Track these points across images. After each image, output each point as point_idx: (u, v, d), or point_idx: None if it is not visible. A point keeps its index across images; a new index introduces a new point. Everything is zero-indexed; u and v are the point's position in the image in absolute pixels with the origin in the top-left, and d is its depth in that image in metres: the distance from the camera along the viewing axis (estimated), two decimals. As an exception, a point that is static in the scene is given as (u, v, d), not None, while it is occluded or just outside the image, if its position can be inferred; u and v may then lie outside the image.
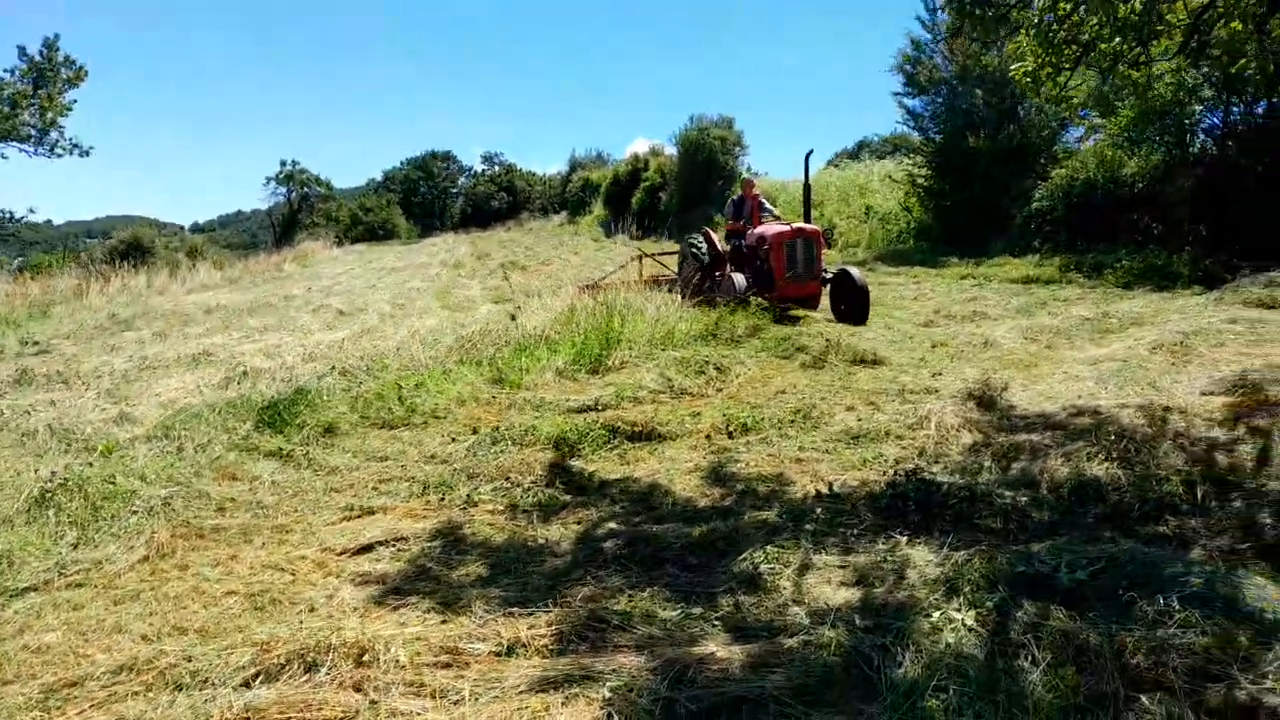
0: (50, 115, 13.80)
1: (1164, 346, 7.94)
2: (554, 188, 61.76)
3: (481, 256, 31.69)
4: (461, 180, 70.18)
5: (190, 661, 3.08)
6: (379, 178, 70.63)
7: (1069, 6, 5.38)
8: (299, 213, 55.38)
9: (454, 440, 5.97)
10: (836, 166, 37.18)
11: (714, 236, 13.36)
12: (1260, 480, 4.59)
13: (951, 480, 4.79)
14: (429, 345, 9.74)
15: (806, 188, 12.73)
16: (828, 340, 8.67)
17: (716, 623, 3.30)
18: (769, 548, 3.93)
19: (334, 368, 8.62)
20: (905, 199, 22.29)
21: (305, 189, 55.51)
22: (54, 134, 14.28)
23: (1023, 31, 6.39)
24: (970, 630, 3.17)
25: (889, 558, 3.84)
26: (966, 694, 2.80)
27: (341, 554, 4.15)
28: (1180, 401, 6.12)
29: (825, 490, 4.72)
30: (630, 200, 41.05)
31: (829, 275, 11.78)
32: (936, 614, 3.24)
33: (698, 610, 3.38)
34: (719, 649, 3.04)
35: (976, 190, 19.23)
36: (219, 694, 2.88)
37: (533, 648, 3.06)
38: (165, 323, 16.07)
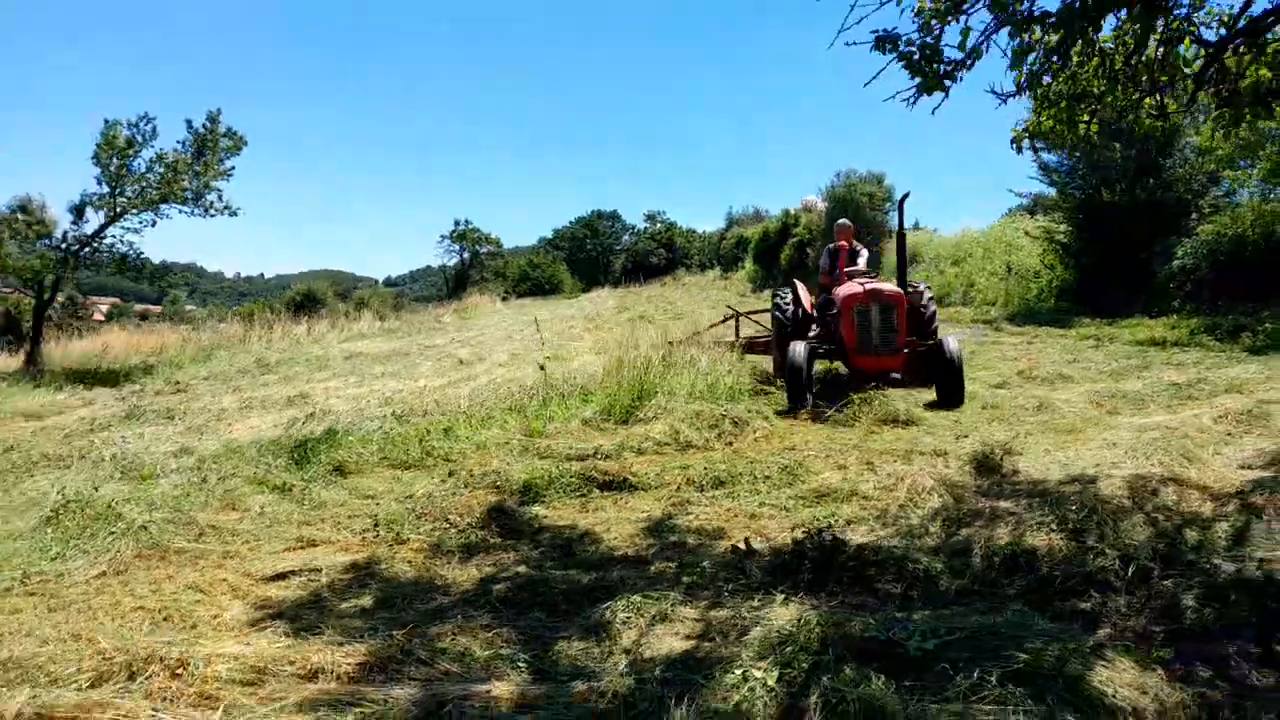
0: (205, 180, 15.47)
1: (1232, 415, 7.28)
2: (711, 244, 62.46)
3: (622, 309, 32.45)
4: (625, 238, 72.17)
5: (54, 663, 3.43)
6: (549, 235, 73.72)
7: (1035, 63, 5.13)
8: (470, 268, 58.53)
9: (440, 482, 6.26)
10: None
11: (802, 292, 11.73)
12: (1213, 560, 4.19)
13: (872, 542, 4.63)
14: (499, 393, 10.18)
15: (900, 238, 10.59)
16: (870, 399, 8.45)
17: (524, 664, 3.37)
18: (637, 597, 3.95)
19: (394, 412, 9.16)
20: (1044, 256, 21.25)
21: (476, 246, 58.67)
22: (210, 196, 15.93)
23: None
24: (767, 690, 3.11)
25: (748, 614, 3.79)
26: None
27: (258, 580, 4.48)
28: (1199, 475, 5.64)
29: (743, 546, 4.67)
30: (779, 256, 41.05)
31: (923, 347, 9.97)
32: (740, 671, 3.19)
33: (509, 651, 3.46)
34: (501, 689, 3.11)
35: (1115, 248, 18.14)
36: (60, 693, 3.21)
37: (332, 674, 3.23)
38: (303, 367, 17.40)
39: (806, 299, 11.69)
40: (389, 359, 19.05)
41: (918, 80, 5.05)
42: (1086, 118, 6.26)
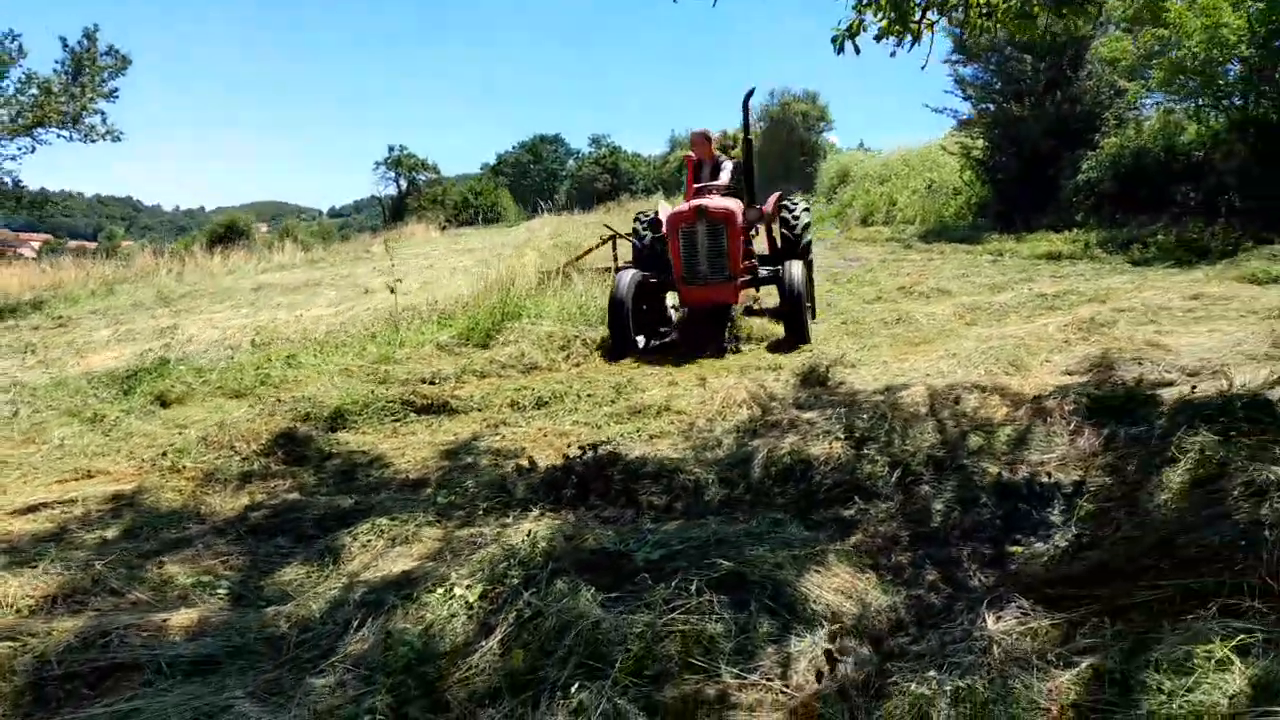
0: (82, 102, 14.77)
1: (1080, 324, 7.30)
2: (655, 168, 61.76)
3: (555, 237, 32.00)
4: (570, 163, 71.06)
5: None
6: (492, 162, 72.33)
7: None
8: (407, 196, 57.23)
9: (249, 409, 6.05)
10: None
11: (666, 212, 9.54)
12: (985, 465, 4.17)
13: (663, 456, 4.56)
14: (376, 321, 9.93)
15: (747, 145, 9.28)
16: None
17: (225, 592, 3.25)
18: (384, 520, 3.84)
19: (253, 340, 8.91)
20: (962, 173, 21.19)
21: (414, 173, 57.32)
22: (92, 120, 15.24)
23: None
24: (465, 607, 3.02)
25: (490, 533, 3.69)
26: (374, 674, 2.66)
27: (6, 514, 4.29)
28: (1018, 383, 5.64)
29: (525, 464, 4.57)
30: (717, 178, 40.56)
31: (765, 274, 8.71)
32: (441, 590, 3.10)
33: (213, 579, 3.34)
34: (181, 618, 2.99)
35: (1027, 163, 18.12)
36: None
37: (11, 607, 3.09)
38: (205, 300, 16.92)
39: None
40: (297, 290, 18.61)
41: None
42: (918, 15, 6.03)
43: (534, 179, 69.66)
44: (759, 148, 36.86)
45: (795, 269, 8.01)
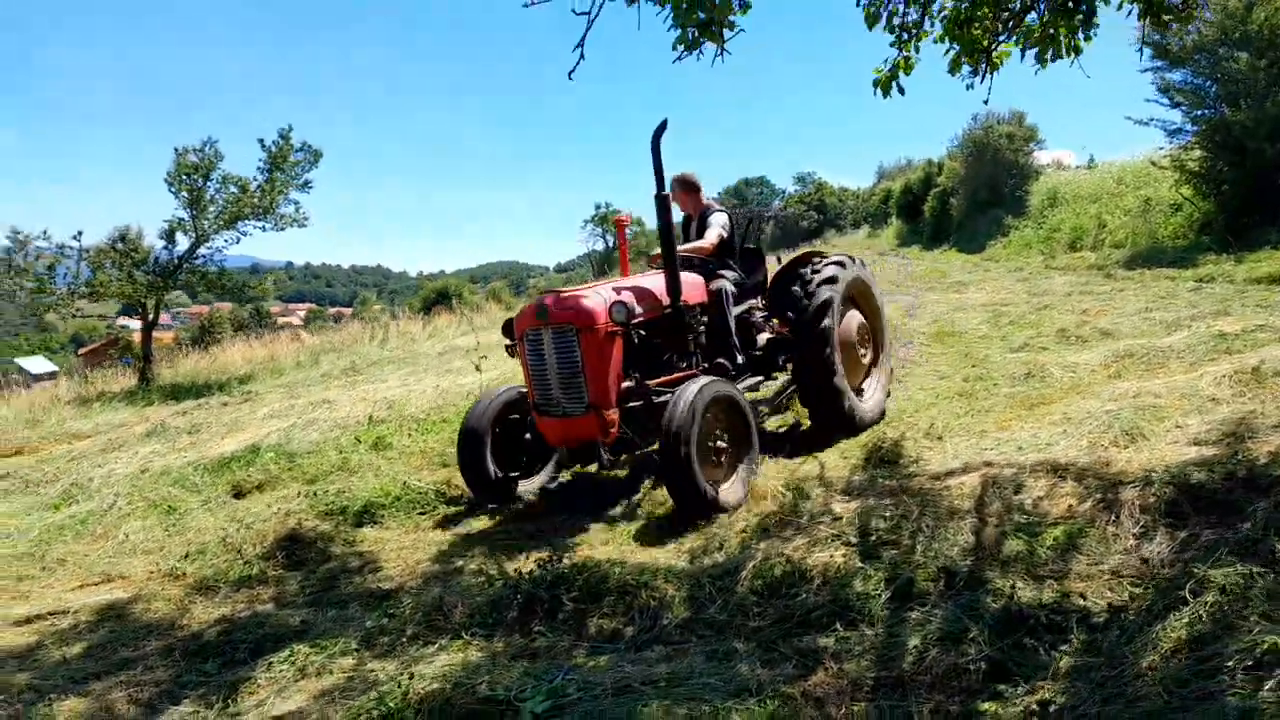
0: (272, 196, 16.20)
1: (1237, 376, 6.05)
2: (862, 201, 60.04)
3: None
4: (775, 203, 70.55)
5: None
6: (706, 212, 72.99)
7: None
8: (615, 250, 58.90)
9: (284, 503, 6.05)
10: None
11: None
12: (1010, 579, 3.40)
13: (629, 563, 4.08)
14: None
15: (661, 200, 5.62)
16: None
17: None
18: (305, 647, 3.64)
19: (370, 417, 9.18)
20: (1178, 187, 18.88)
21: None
22: (285, 209, 16.71)
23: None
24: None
25: (395, 670, 3.37)
26: None
27: (12, 624, 4.45)
28: (1128, 457, 4.69)
29: (496, 575, 4.23)
30: (923, 209, 38.88)
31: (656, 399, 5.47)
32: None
33: (122, 715, 3.23)
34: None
35: (1248, 173, 15.85)
36: None
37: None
38: (391, 368, 17.86)
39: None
40: (475, 352, 19.29)
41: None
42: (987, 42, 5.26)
43: (739, 222, 69.60)
44: (962, 173, 35.05)
45: (691, 389, 5.05)
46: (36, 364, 56.77)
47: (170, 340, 32.34)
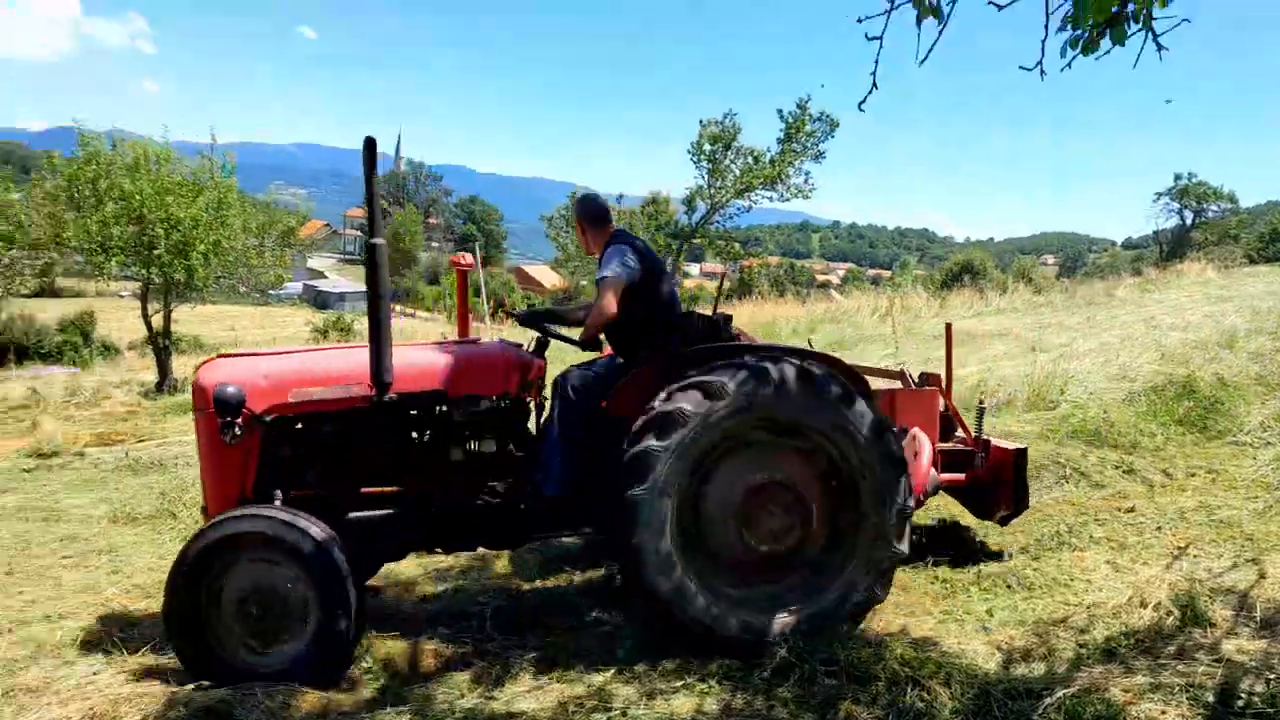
0: (780, 167, 16.45)
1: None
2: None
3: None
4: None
5: None
6: (1321, 186, 59.40)
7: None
8: (1191, 230, 50.21)
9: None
10: None
11: None
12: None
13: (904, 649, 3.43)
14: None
15: (371, 214, 3.76)
16: None
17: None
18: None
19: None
20: None
21: (1201, 204, 50.00)
22: (795, 180, 16.96)
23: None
24: None
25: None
26: None
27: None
28: None
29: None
30: None
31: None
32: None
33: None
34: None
35: None
36: None
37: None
38: (862, 346, 17.04)
39: None
40: (962, 342, 17.63)
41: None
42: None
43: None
44: None
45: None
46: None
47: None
